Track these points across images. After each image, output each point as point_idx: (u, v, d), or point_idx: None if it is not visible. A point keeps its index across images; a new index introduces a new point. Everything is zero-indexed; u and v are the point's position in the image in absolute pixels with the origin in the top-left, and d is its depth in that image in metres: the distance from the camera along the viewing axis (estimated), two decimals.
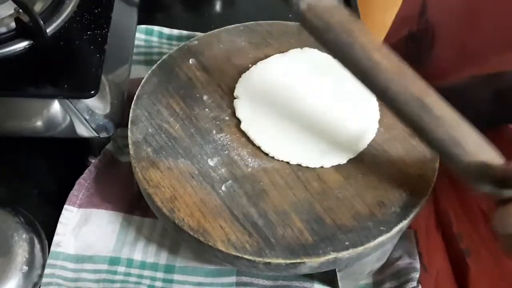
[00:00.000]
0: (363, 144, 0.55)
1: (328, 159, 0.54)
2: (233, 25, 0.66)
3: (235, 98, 0.58)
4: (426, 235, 0.63)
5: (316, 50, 0.63)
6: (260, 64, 0.62)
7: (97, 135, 0.60)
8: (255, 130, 0.55)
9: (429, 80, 0.64)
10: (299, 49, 0.63)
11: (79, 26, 0.59)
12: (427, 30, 0.65)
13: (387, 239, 0.49)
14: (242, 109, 0.57)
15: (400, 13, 0.78)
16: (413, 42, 0.70)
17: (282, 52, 0.63)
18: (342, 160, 0.54)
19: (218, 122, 0.57)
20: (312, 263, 0.48)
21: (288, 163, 0.54)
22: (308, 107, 0.58)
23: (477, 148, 0.45)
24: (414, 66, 0.66)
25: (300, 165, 0.53)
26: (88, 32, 0.58)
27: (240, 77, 0.60)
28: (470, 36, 0.59)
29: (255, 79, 0.60)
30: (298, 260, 0.47)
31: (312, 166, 0.53)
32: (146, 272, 0.57)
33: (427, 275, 0.60)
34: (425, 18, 0.66)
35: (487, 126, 0.59)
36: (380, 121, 0.57)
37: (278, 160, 0.54)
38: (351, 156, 0.54)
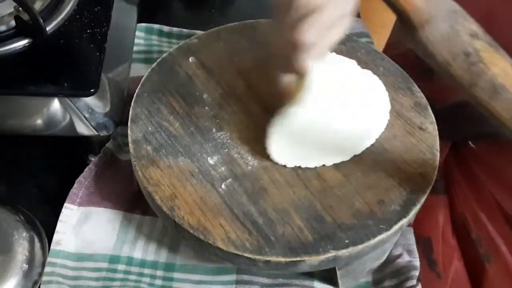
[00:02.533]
0: (368, 143, 0.55)
1: (331, 157, 0.54)
2: (233, 23, 0.66)
3: None
4: (441, 242, 0.63)
5: None
6: None
7: (97, 134, 0.60)
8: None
9: (446, 91, 0.63)
10: None
11: (79, 24, 0.59)
12: None
13: (387, 237, 0.49)
14: None
15: None
16: None
17: None
18: (345, 157, 0.54)
19: (218, 121, 0.57)
20: (312, 261, 0.48)
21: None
22: (309, 105, 0.58)
23: None
24: (427, 76, 0.65)
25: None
26: (88, 31, 0.58)
27: (240, 75, 0.60)
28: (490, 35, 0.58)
29: None
30: (298, 258, 0.47)
31: (315, 165, 0.53)
32: (146, 270, 0.57)
33: (441, 282, 0.59)
34: None
35: None
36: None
37: None
38: (357, 153, 0.54)
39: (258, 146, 0.54)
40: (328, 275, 0.56)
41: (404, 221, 0.50)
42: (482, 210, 0.61)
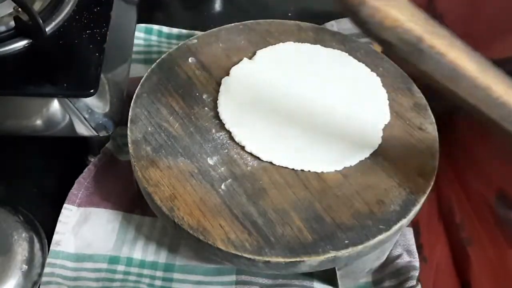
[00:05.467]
0: (367, 152, 0.55)
1: (336, 162, 0.54)
2: (232, 24, 0.67)
3: (218, 112, 0.57)
4: (427, 226, 0.63)
5: (307, 44, 0.63)
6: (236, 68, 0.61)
7: (97, 134, 0.60)
8: (251, 141, 0.55)
9: None
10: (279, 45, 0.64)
11: (79, 25, 0.59)
12: (435, 18, 0.65)
13: (387, 237, 0.49)
14: (232, 122, 0.56)
15: None
16: None
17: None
18: (352, 163, 0.54)
19: (217, 121, 0.57)
20: (312, 261, 0.48)
21: None
22: (305, 108, 0.58)
23: None
24: None
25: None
26: (88, 31, 0.58)
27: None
28: (474, 21, 0.59)
29: (235, 86, 0.60)
30: (298, 259, 0.47)
31: (319, 171, 0.53)
32: (146, 271, 0.57)
33: (427, 267, 0.60)
34: (432, 6, 0.65)
35: None
36: None
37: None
38: (362, 158, 0.54)
39: None
40: (328, 275, 0.56)
41: (404, 221, 0.50)
42: (464, 193, 0.62)
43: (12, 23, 0.56)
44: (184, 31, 0.78)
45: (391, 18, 0.41)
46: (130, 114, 0.57)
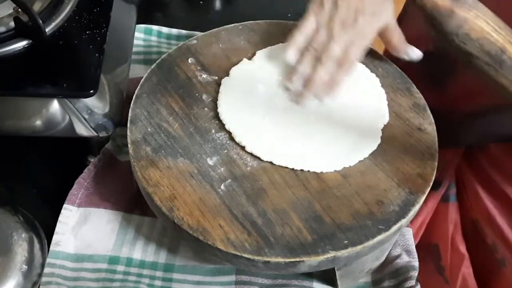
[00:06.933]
0: (367, 152, 0.55)
1: (335, 163, 0.54)
2: (232, 24, 0.67)
3: (218, 113, 0.57)
4: (450, 249, 0.63)
5: None
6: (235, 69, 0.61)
7: (97, 135, 0.60)
8: (251, 142, 0.55)
9: (457, 101, 0.62)
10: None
11: (78, 25, 0.59)
12: (448, 51, 0.64)
13: (386, 237, 0.49)
14: (232, 122, 0.56)
15: (411, 31, 0.76)
16: (431, 62, 0.68)
17: None
18: (349, 163, 0.54)
19: (217, 121, 0.57)
20: (311, 261, 0.48)
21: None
22: (305, 108, 0.58)
23: None
24: (435, 86, 0.65)
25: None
26: (87, 32, 0.58)
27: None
28: None
29: (235, 87, 0.60)
30: (297, 259, 0.47)
31: (318, 171, 0.53)
32: (146, 271, 0.57)
33: None
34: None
35: None
36: None
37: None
38: (360, 159, 0.54)
39: None
40: (327, 275, 0.56)
41: (403, 221, 0.50)
42: (501, 214, 0.61)
43: (12, 24, 0.56)
44: (183, 31, 0.78)
45: (478, 29, 0.41)
46: (130, 114, 0.57)
